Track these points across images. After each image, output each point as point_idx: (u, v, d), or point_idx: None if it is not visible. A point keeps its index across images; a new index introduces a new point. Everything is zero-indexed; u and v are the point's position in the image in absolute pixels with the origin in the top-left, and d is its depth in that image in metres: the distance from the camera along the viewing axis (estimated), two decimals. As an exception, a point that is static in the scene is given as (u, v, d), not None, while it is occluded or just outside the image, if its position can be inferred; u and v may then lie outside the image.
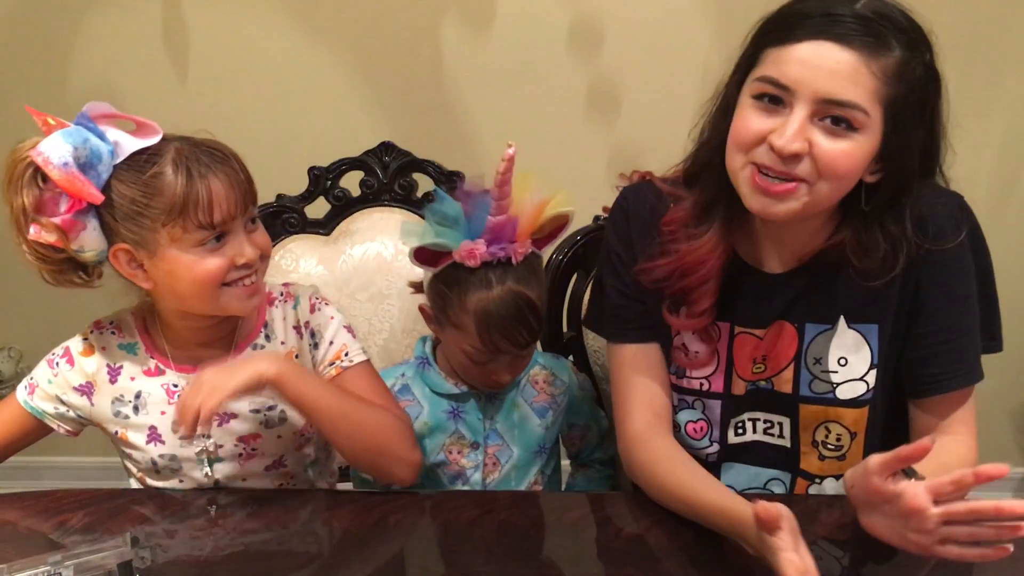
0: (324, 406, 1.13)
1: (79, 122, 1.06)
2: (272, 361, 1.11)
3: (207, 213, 1.06)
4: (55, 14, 2.11)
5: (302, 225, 1.56)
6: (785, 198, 1.04)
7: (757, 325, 1.18)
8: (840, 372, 1.17)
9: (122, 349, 1.20)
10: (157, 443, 1.20)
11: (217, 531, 1.10)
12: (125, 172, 1.07)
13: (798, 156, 1.01)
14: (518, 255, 1.20)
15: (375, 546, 1.08)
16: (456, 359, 1.27)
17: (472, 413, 1.30)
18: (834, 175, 1.02)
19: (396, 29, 2.10)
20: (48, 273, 1.10)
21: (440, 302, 1.24)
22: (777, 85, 1.02)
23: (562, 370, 1.36)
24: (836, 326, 1.16)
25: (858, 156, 1.02)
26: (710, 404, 1.22)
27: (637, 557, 1.04)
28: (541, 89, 2.12)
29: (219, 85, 2.14)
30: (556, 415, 1.33)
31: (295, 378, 1.11)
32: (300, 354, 1.22)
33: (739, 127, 1.06)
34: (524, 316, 1.19)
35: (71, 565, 0.91)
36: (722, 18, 2.06)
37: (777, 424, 1.21)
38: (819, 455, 1.21)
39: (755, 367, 1.20)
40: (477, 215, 1.18)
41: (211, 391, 1.06)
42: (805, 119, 1.01)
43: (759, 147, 1.04)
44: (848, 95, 0.99)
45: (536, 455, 1.32)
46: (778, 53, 1.03)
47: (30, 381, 1.22)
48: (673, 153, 1.24)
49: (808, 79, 1.00)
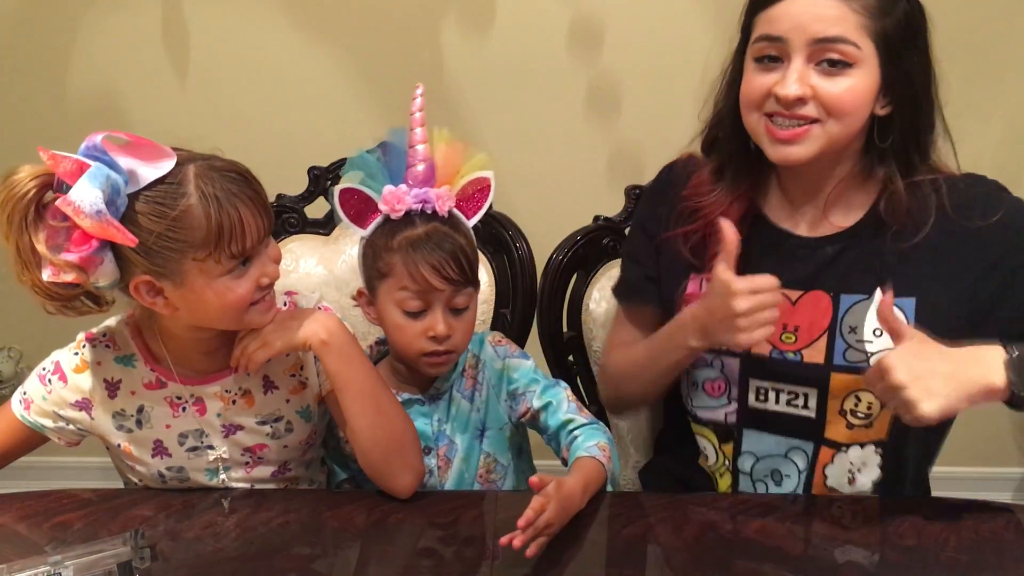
0: (358, 387, 1.14)
1: (91, 154, 0.98)
2: (325, 327, 1.13)
3: (240, 243, 1.03)
4: (55, 14, 2.11)
5: (302, 225, 1.56)
6: (798, 141, 1.12)
7: (789, 286, 1.19)
8: (875, 342, 1.17)
9: (119, 363, 1.16)
10: (163, 456, 1.19)
11: (217, 531, 1.10)
12: (146, 205, 1.00)
13: (802, 99, 1.10)
14: (442, 205, 1.20)
15: (375, 546, 1.08)
16: (392, 325, 1.22)
17: (418, 419, 1.26)
18: (841, 112, 1.10)
19: (396, 29, 2.10)
20: (53, 306, 1.04)
21: (370, 258, 1.22)
22: (771, 39, 1.11)
23: (476, 345, 1.31)
24: (872, 297, 1.17)
25: (859, 90, 1.10)
26: (728, 363, 1.24)
27: (637, 557, 1.04)
28: (541, 89, 2.12)
29: (219, 85, 2.14)
30: (484, 393, 1.30)
31: (338, 351, 1.13)
32: (304, 364, 1.21)
33: (747, 89, 1.16)
34: (450, 250, 1.18)
35: (71, 565, 0.91)
36: (722, 18, 2.04)
37: (802, 395, 1.21)
38: (847, 424, 1.21)
39: (784, 336, 1.21)
40: (395, 163, 1.21)
41: (262, 345, 1.12)
42: (803, 64, 1.10)
43: (768, 100, 1.12)
44: (836, 31, 1.08)
45: (475, 439, 1.30)
46: (766, 14, 1.13)
47: (24, 396, 1.18)
48: (673, 153, 1.25)
49: (797, 27, 1.09)
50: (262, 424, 1.20)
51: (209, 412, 1.18)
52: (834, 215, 1.20)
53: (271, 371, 1.19)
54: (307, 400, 1.22)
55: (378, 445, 1.15)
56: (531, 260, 1.51)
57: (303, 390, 1.21)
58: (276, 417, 1.20)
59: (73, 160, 0.97)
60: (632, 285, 1.35)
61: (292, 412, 1.21)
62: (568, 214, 1.58)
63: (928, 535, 1.05)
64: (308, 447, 1.26)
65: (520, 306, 1.50)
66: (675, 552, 1.05)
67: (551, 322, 1.51)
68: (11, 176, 0.99)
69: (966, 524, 1.07)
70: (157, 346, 1.16)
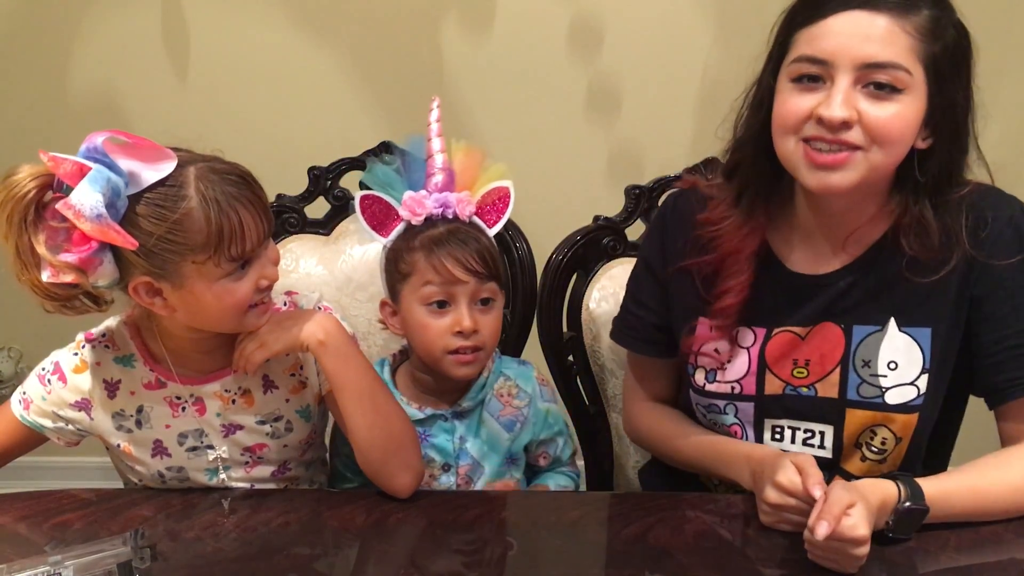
0: (356, 388, 1.14)
1: (92, 156, 0.98)
2: (322, 328, 1.13)
3: (240, 246, 1.03)
4: (55, 14, 2.12)
5: (302, 225, 1.56)
6: (840, 168, 1.03)
7: (798, 324, 1.17)
8: (890, 376, 1.13)
9: (118, 363, 1.16)
10: (163, 456, 1.19)
11: (217, 531, 1.10)
12: (146, 207, 1.00)
13: (848, 124, 1.01)
14: (463, 210, 1.21)
15: (375, 546, 1.08)
16: (417, 325, 1.21)
17: (440, 435, 1.26)
18: (887, 139, 1.02)
19: (396, 29, 2.10)
20: (52, 306, 1.04)
21: (392, 263, 1.23)
22: (814, 61, 1.02)
23: (526, 380, 1.32)
24: (886, 328, 1.13)
25: (907, 118, 1.02)
26: (742, 407, 1.21)
27: (637, 557, 1.04)
28: (541, 89, 2.12)
29: (219, 85, 2.14)
30: (522, 427, 1.30)
31: (336, 351, 1.13)
32: (304, 363, 1.21)
33: (782, 111, 1.06)
34: (473, 246, 1.19)
35: (71, 565, 0.91)
36: (722, 18, 2.06)
37: (818, 433, 1.18)
38: (861, 456, 1.18)
39: (796, 371, 1.17)
40: (414, 173, 1.22)
41: (259, 346, 1.12)
42: (849, 86, 1.01)
43: (807, 124, 1.03)
44: (887, 55, 0.99)
45: (507, 468, 1.31)
46: (809, 32, 1.03)
47: (24, 396, 1.18)
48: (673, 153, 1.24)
49: (845, 48, 1.00)
50: (262, 424, 1.20)
51: (209, 412, 1.18)
52: (848, 246, 1.14)
53: (271, 371, 1.19)
54: (307, 400, 1.22)
55: (376, 445, 1.15)
56: (531, 260, 1.51)
57: (303, 390, 1.21)
58: (276, 416, 1.20)
59: (73, 162, 0.97)
60: (639, 334, 1.30)
61: (292, 411, 1.21)
62: (568, 214, 1.58)
63: (928, 535, 1.04)
64: (308, 447, 1.26)
65: (520, 306, 1.50)
66: (675, 552, 1.05)
67: (551, 322, 1.51)
68: (11, 176, 0.99)
69: (966, 524, 1.07)
70: (156, 346, 1.16)
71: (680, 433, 1.27)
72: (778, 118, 1.06)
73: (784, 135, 1.06)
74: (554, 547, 1.08)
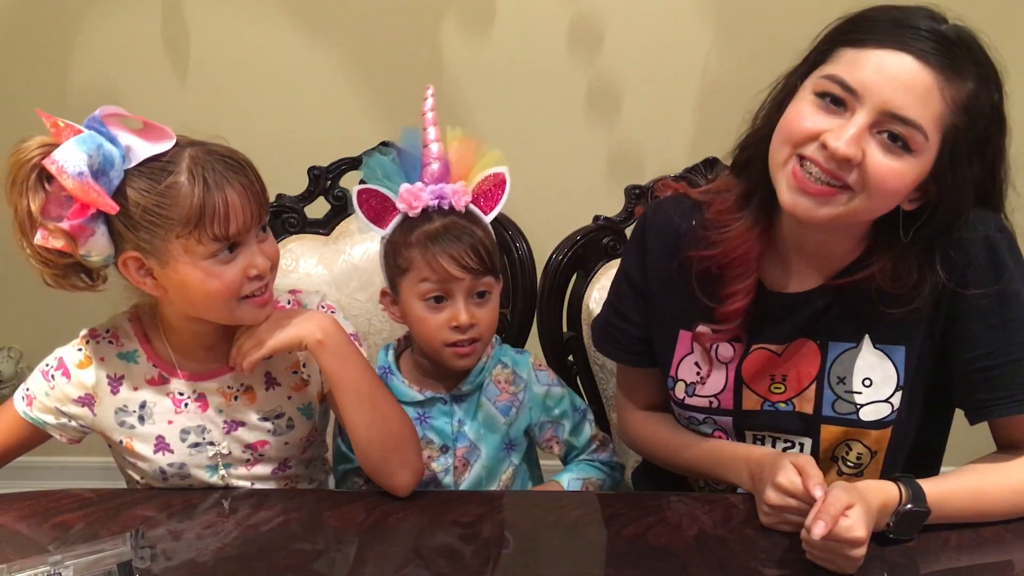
0: (354, 387, 1.14)
1: (90, 125, 1.03)
2: (321, 327, 1.13)
3: (223, 225, 1.04)
4: (55, 14, 2.11)
5: (302, 225, 1.56)
6: (823, 202, 1.01)
7: (775, 341, 1.17)
8: (864, 393, 1.14)
9: (122, 359, 1.17)
10: (165, 452, 1.19)
11: (217, 531, 1.10)
12: (138, 179, 1.03)
13: (849, 162, 0.98)
14: (458, 201, 1.21)
15: (375, 546, 1.08)
16: (416, 318, 1.23)
17: (439, 418, 1.28)
18: (880, 191, 0.99)
19: (396, 29, 2.10)
20: (50, 276, 1.07)
21: (390, 256, 1.24)
22: (844, 87, 0.99)
23: (522, 366, 1.33)
24: (861, 345, 1.13)
25: (908, 178, 1.00)
26: (721, 421, 1.22)
27: (637, 557, 1.04)
28: (541, 89, 2.12)
29: (219, 85, 2.14)
30: (518, 411, 1.31)
31: (334, 351, 1.13)
32: (307, 361, 1.22)
33: (792, 120, 1.03)
34: (468, 241, 1.20)
35: (71, 565, 0.91)
36: (722, 18, 2.05)
37: (798, 444, 1.19)
38: (838, 470, 1.19)
39: (773, 386, 1.18)
40: (410, 163, 1.23)
41: (256, 344, 1.12)
42: (865, 127, 0.98)
43: (809, 144, 1.00)
44: (914, 114, 0.96)
45: (505, 452, 1.32)
46: (853, 54, 1.00)
47: (27, 392, 1.19)
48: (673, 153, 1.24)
49: (878, 87, 0.97)
50: (264, 420, 1.20)
51: (211, 408, 1.18)
52: (824, 266, 1.13)
53: (273, 368, 1.20)
54: (309, 397, 1.22)
55: (375, 444, 1.15)
56: (531, 260, 1.51)
57: (305, 387, 1.22)
58: (278, 413, 1.20)
59: (70, 127, 1.02)
60: (625, 347, 1.29)
61: (294, 409, 1.21)
62: (568, 214, 1.58)
63: (928, 535, 1.05)
64: (308, 445, 1.26)
65: (520, 306, 1.50)
66: (675, 552, 1.05)
67: (551, 322, 1.51)
68: (21, 143, 1.03)
69: (967, 524, 1.07)
70: (160, 342, 1.17)
71: (676, 440, 1.27)
72: (785, 124, 1.04)
73: (783, 144, 1.03)
74: (554, 547, 1.08)
